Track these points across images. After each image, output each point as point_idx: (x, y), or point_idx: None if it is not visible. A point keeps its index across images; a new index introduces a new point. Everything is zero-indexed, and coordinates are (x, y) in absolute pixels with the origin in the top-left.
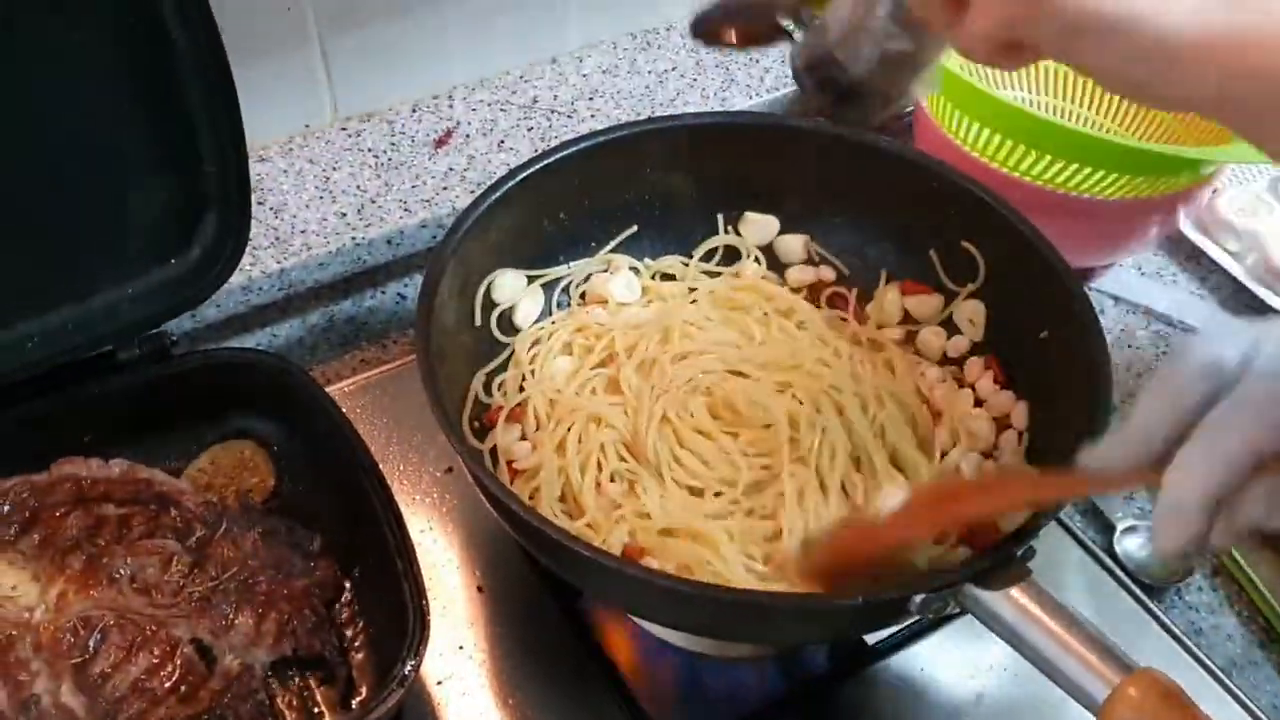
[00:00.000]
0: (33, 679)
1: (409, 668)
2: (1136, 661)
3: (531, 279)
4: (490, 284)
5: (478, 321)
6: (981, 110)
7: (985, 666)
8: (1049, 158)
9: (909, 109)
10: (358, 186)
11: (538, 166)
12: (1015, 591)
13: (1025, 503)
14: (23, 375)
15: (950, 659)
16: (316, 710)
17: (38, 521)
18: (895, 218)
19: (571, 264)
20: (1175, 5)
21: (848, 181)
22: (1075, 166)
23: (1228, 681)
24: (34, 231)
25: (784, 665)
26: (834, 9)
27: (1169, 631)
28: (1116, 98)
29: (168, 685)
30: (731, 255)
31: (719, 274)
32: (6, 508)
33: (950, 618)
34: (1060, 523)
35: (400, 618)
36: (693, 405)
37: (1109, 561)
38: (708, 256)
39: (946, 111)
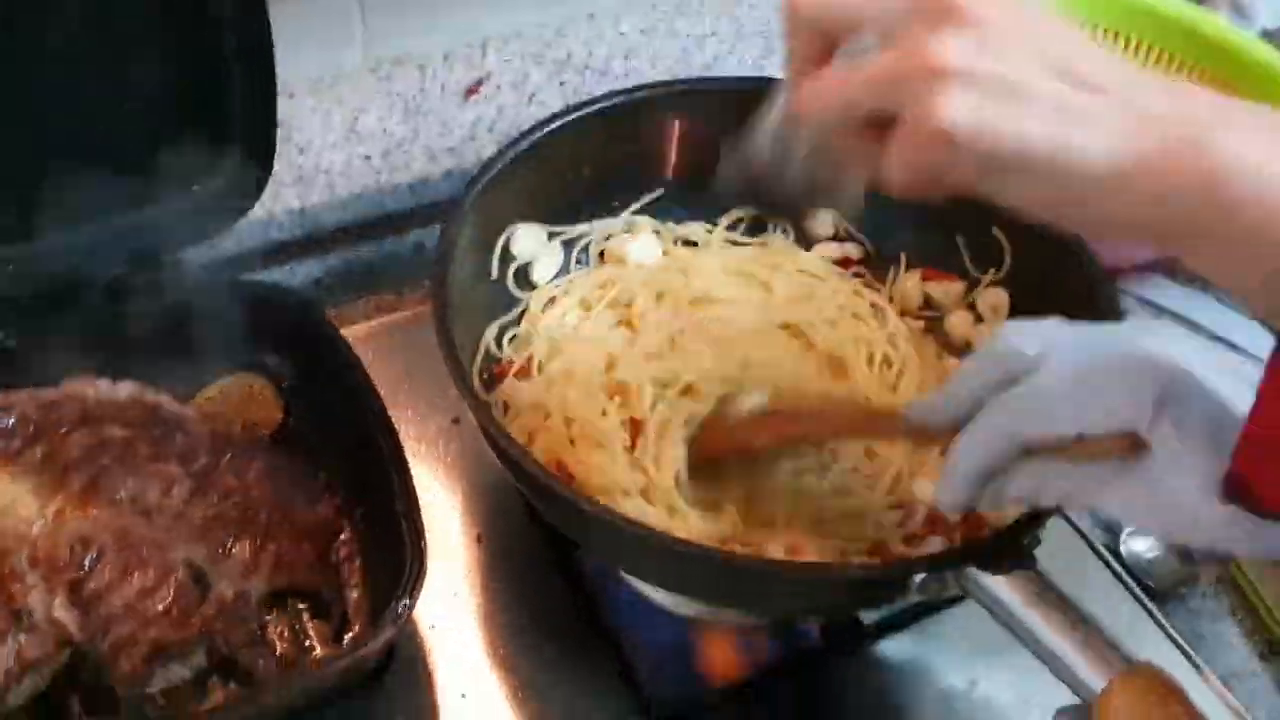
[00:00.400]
0: (27, 591)
1: (403, 606)
2: (1138, 656)
3: (552, 235)
4: (509, 237)
5: (494, 274)
6: None
7: (980, 654)
8: None
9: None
10: (384, 130)
11: (566, 120)
12: (1019, 576)
13: (848, 431)
14: (40, 292)
15: (945, 644)
16: (308, 643)
17: (41, 437)
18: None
19: (594, 223)
20: (1088, 137)
21: None
22: None
23: (1225, 690)
24: (60, 152)
25: (778, 636)
26: (758, 137)
27: (1170, 637)
28: None
29: (160, 607)
30: (757, 228)
31: (745, 245)
32: (11, 421)
33: (947, 604)
34: (1069, 522)
35: (398, 559)
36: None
37: (1115, 563)
38: (732, 227)
39: None
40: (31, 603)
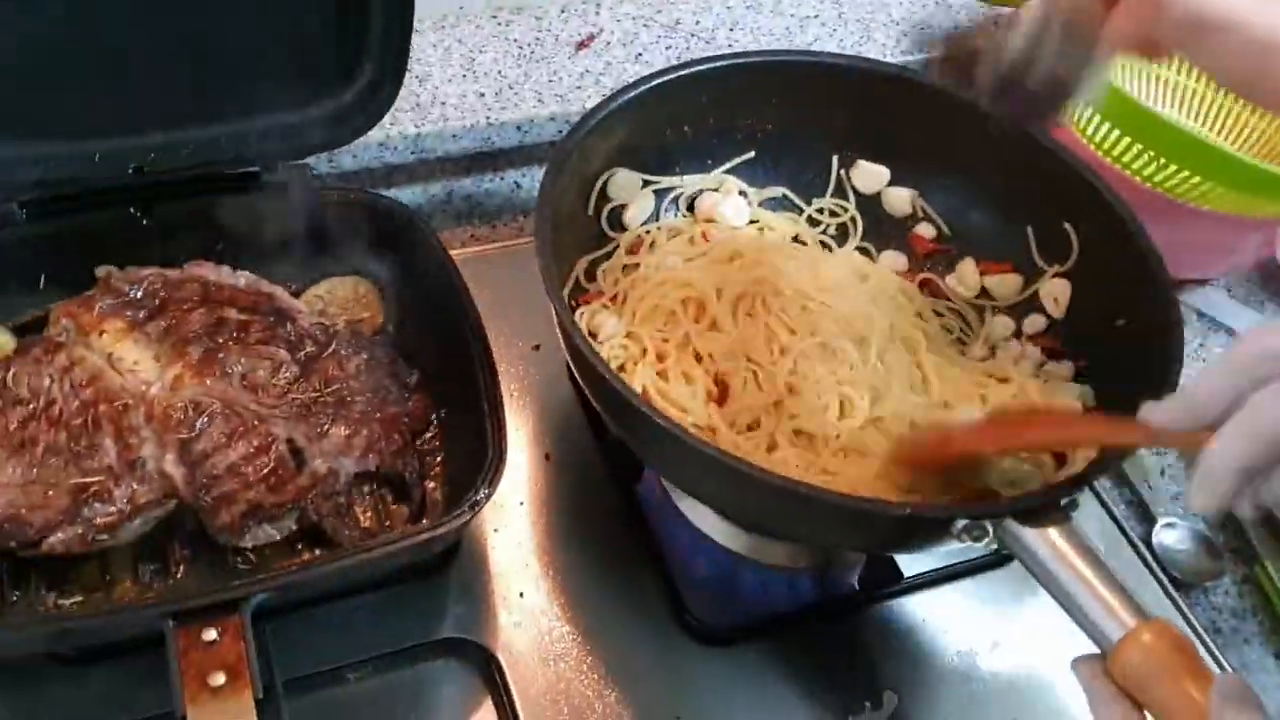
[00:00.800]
0: (141, 444)
1: (482, 495)
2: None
3: (646, 183)
4: (608, 180)
5: (590, 211)
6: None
7: (1003, 619)
8: (1159, 158)
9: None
10: (499, 72)
11: (674, 75)
12: (1053, 532)
13: (1087, 439)
14: (175, 178)
15: (973, 604)
16: (387, 523)
17: (165, 310)
18: (1002, 188)
19: (685, 177)
20: (1274, 7)
21: (964, 147)
22: (1184, 173)
23: None
24: (206, 48)
25: (817, 578)
26: (1014, 34)
27: (1190, 626)
28: (1240, 123)
29: (260, 473)
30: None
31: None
32: (139, 293)
33: (981, 569)
34: (1105, 508)
35: (478, 455)
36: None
37: (1145, 552)
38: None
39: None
40: (145, 454)
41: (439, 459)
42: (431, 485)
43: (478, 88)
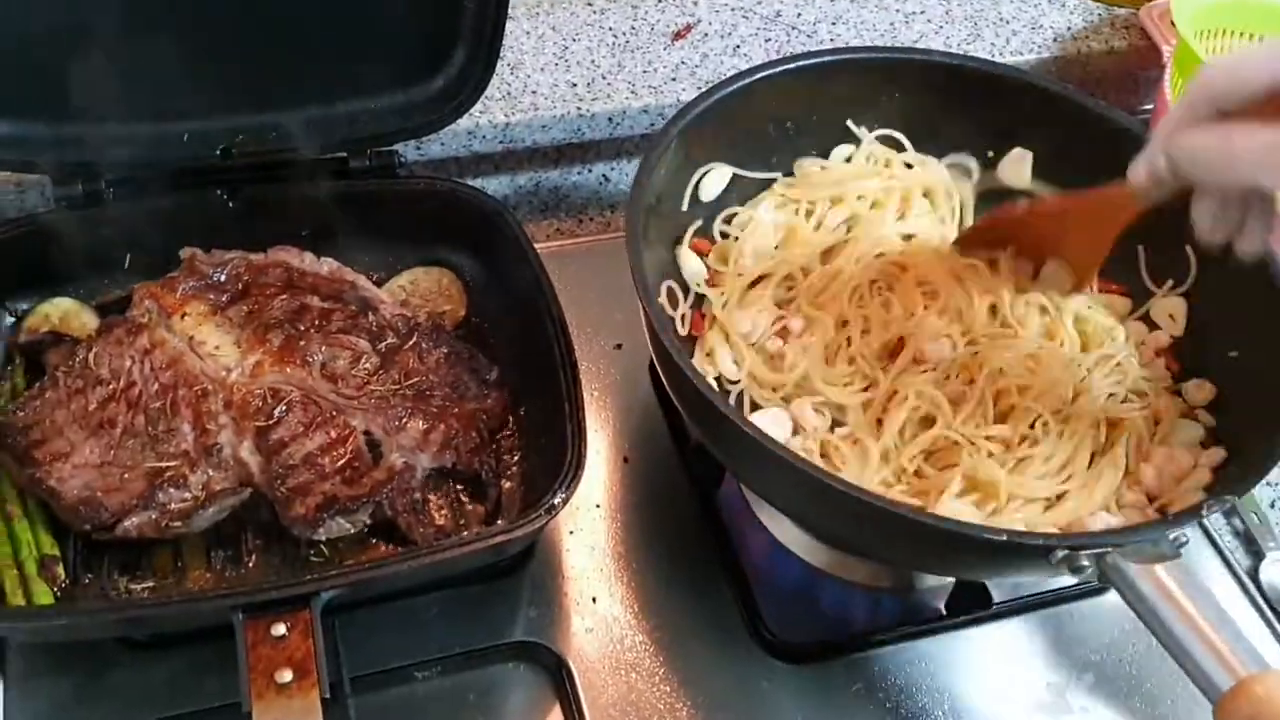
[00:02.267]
0: (219, 430)
1: (559, 498)
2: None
3: (737, 178)
4: (704, 175)
5: (685, 207)
6: None
7: (1102, 649)
8: None
9: None
10: (592, 61)
11: (776, 70)
12: (1160, 569)
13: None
14: (262, 161)
15: (1067, 633)
16: (462, 521)
17: (248, 295)
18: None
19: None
20: None
21: (1085, 158)
22: None
23: None
24: (296, 31)
25: (901, 599)
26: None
27: None
28: None
29: (337, 465)
30: None
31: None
32: (223, 276)
33: (1077, 597)
34: (1211, 540)
35: (556, 456)
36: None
37: (1251, 587)
38: None
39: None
40: (222, 440)
41: (517, 458)
42: (508, 485)
43: (569, 77)
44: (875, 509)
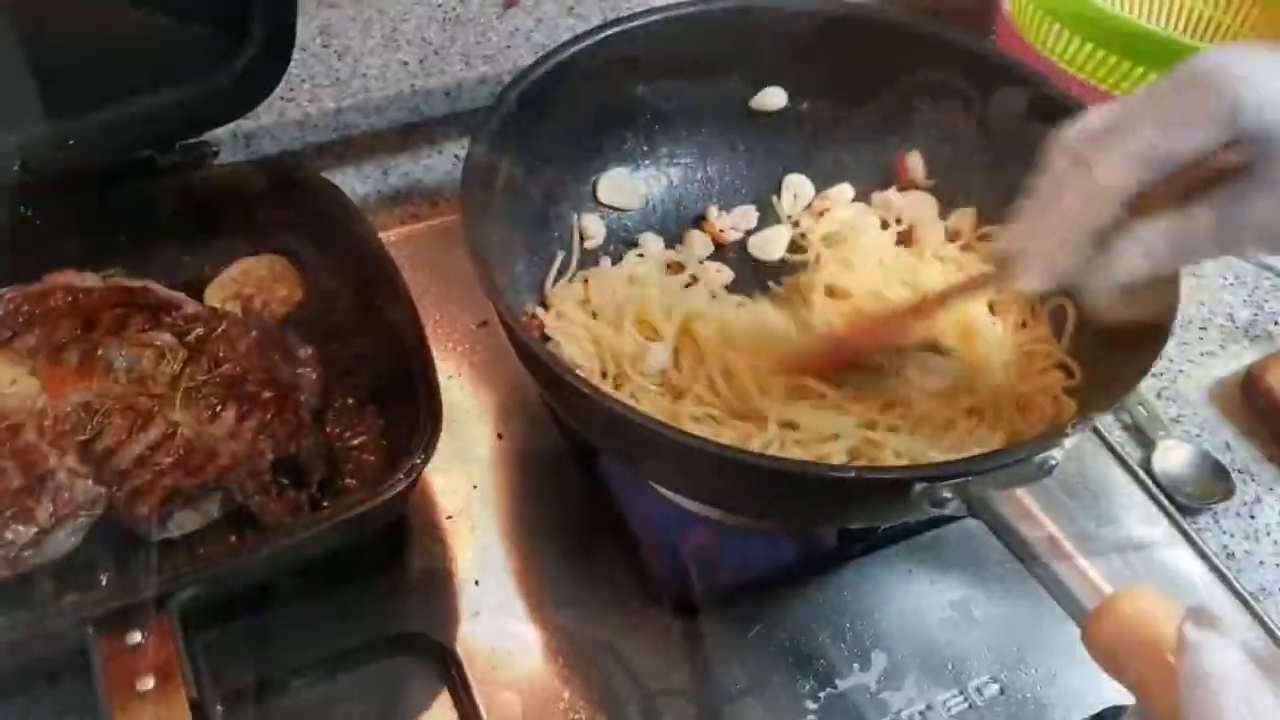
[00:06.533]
0: (44, 458)
1: (419, 458)
2: (1138, 579)
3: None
4: None
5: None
6: (1068, 13)
7: (1005, 561)
8: (1141, 70)
9: None
10: (423, 38)
11: (617, 29)
12: (1022, 494)
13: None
14: (64, 173)
15: (967, 550)
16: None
17: (33, 324)
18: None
19: None
20: None
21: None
22: (1134, 66)
23: (1255, 607)
24: (81, 31)
25: (794, 539)
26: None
27: (1200, 552)
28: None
29: (170, 460)
30: None
31: None
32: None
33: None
34: (1099, 434)
35: (413, 420)
36: None
37: (1145, 478)
38: None
39: (1032, 17)
40: (51, 466)
41: (375, 435)
42: (371, 459)
43: (400, 56)
44: (727, 460)
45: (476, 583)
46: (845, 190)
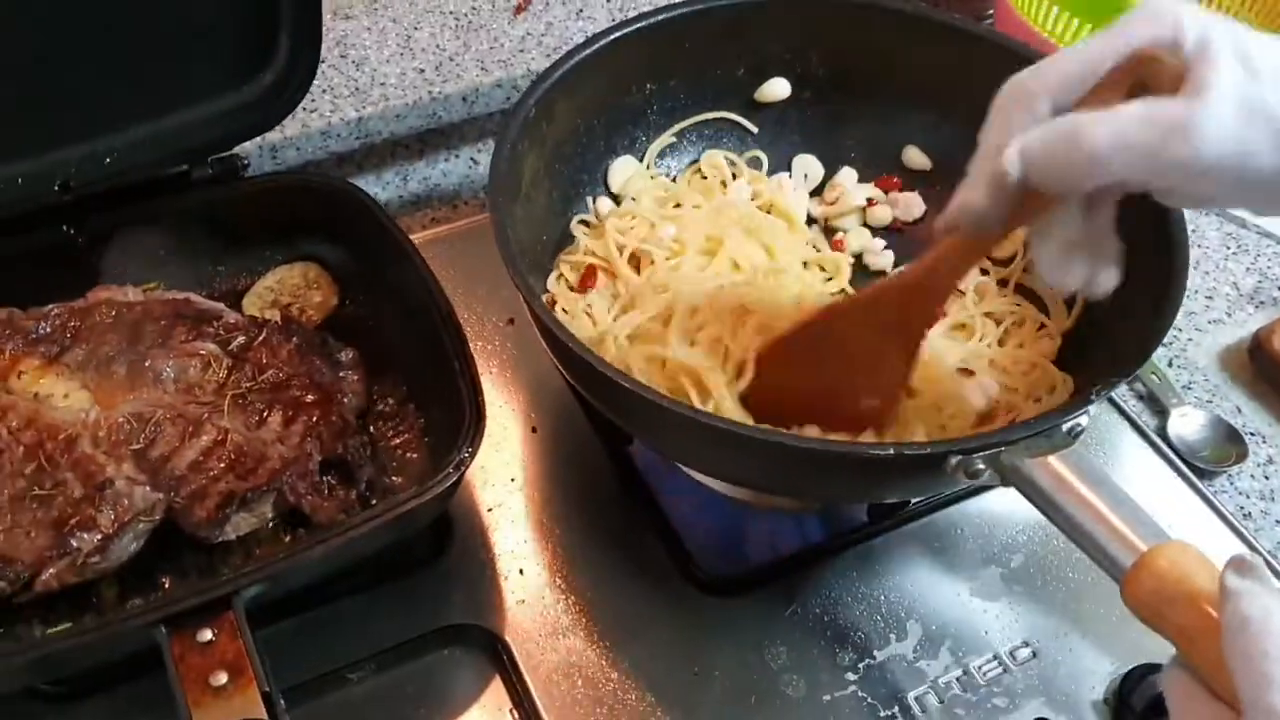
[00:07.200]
0: (102, 467)
1: (465, 453)
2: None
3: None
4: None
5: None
6: None
7: (1031, 527)
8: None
9: None
10: (437, 46)
11: (626, 31)
12: (1054, 459)
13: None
14: (101, 189)
15: (994, 517)
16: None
17: (80, 339)
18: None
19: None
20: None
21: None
22: None
23: (1274, 564)
24: (115, 49)
25: (824, 517)
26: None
27: (1218, 513)
28: None
29: (223, 464)
30: None
31: None
32: (46, 329)
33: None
34: (1114, 404)
35: (456, 418)
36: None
37: (1161, 444)
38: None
39: None
40: (109, 474)
41: (417, 434)
42: (414, 456)
43: (416, 64)
44: (767, 444)
45: (521, 572)
46: (849, 175)
